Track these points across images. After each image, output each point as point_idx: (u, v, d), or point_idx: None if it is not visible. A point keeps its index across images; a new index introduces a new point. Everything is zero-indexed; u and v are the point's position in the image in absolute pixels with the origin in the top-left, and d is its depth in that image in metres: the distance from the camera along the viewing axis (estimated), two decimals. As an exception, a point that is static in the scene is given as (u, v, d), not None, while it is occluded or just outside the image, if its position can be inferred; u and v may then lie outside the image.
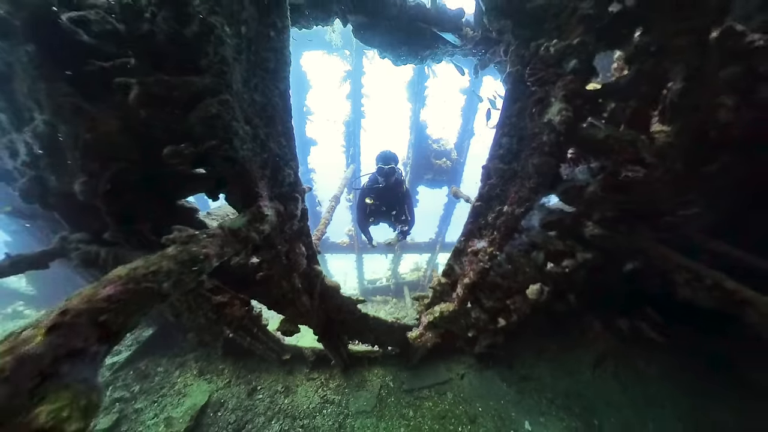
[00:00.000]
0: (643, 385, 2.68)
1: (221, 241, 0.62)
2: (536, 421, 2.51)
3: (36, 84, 0.74)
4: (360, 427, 2.49)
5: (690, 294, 1.26)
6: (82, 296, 0.37)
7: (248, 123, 0.77)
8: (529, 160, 0.95)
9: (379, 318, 2.13)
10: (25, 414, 0.28)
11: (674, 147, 1.02)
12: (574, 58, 0.81)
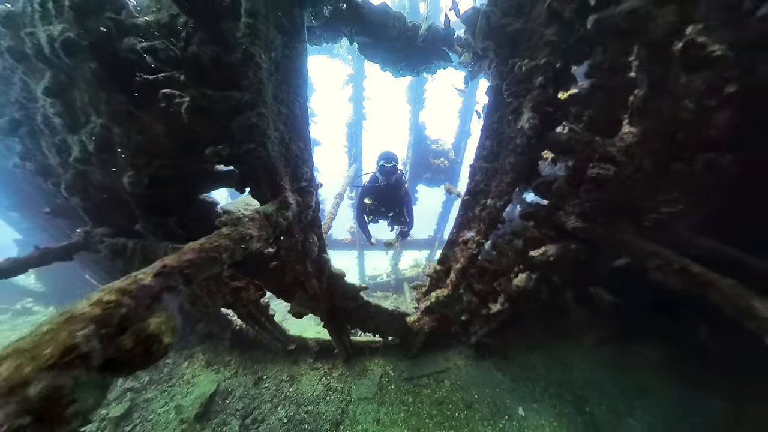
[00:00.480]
0: (635, 376, 2.84)
1: (259, 224, 0.78)
2: (530, 407, 2.66)
3: (97, 94, 0.89)
4: (362, 413, 2.64)
5: (662, 277, 1.41)
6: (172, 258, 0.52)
7: (276, 129, 0.95)
8: (506, 160, 1.13)
9: (380, 306, 2.29)
10: (139, 324, 0.44)
11: (641, 146, 1.18)
12: (540, 75, 0.97)
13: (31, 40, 0.93)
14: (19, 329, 4.33)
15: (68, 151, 1.12)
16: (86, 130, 0.95)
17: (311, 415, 2.68)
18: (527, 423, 2.52)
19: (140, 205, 1.38)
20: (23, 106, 1.25)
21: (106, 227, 1.78)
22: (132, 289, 0.41)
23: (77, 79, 0.91)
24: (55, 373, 0.31)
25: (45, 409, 0.30)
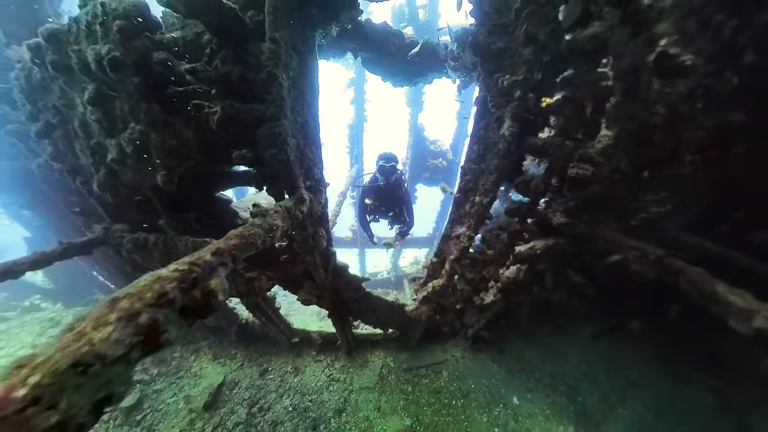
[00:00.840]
0: (627, 369, 2.99)
1: (282, 216, 0.94)
2: (524, 396, 2.82)
3: (137, 104, 1.04)
4: (363, 401, 2.79)
5: (639, 268, 1.56)
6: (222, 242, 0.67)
7: (293, 137, 1.11)
8: (491, 162, 1.28)
9: (380, 297, 2.44)
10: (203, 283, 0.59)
11: (615, 148, 1.33)
12: (519, 89, 1.13)
13: (77, 56, 1.07)
14: (28, 325, 4.47)
15: (103, 153, 1.27)
16: (125, 135, 1.10)
17: (315, 404, 2.82)
18: (521, 411, 2.67)
19: (163, 202, 1.53)
20: (59, 111, 1.39)
21: (124, 223, 1.93)
22: (199, 262, 0.56)
23: (118, 90, 1.06)
24: (154, 309, 0.46)
25: (149, 333, 0.45)
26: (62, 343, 0.37)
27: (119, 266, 3.52)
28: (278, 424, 2.70)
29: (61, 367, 0.33)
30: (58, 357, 0.34)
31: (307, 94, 1.16)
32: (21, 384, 0.31)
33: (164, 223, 1.53)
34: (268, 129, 1.00)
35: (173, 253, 1.61)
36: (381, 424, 2.58)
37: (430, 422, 2.56)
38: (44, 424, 0.29)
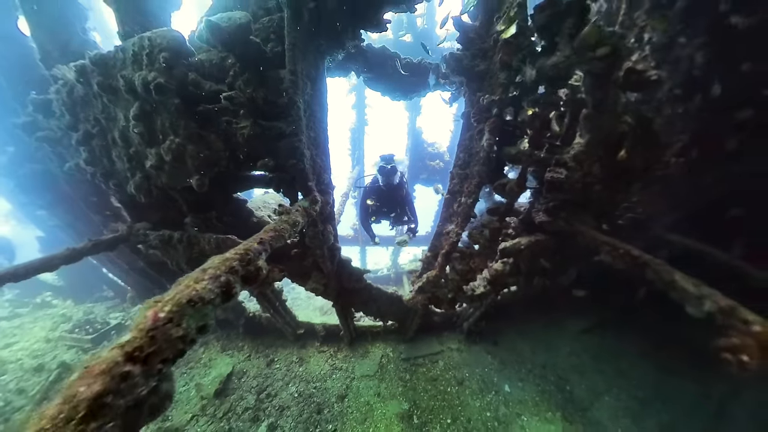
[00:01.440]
0: (615, 361, 3.23)
1: (301, 214, 1.17)
2: (515, 385, 3.06)
3: (177, 121, 1.27)
4: (364, 388, 3.04)
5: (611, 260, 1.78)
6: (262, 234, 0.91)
7: (308, 148, 1.33)
8: (474, 168, 1.51)
9: (380, 289, 2.68)
10: (254, 262, 0.82)
11: (586, 154, 1.55)
12: (495, 107, 1.35)
13: (124, 79, 1.30)
14: (41, 321, 4.73)
15: (140, 160, 1.50)
16: (164, 145, 1.33)
17: (319, 390, 3.07)
18: (512, 398, 2.91)
19: (189, 203, 1.76)
20: (99, 123, 1.62)
21: (145, 222, 2.16)
22: (251, 248, 0.79)
23: (160, 109, 1.29)
24: (227, 275, 0.69)
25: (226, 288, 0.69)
26: (179, 288, 0.60)
27: (132, 262, 3.77)
28: (285, 408, 2.95)
29: (182, 302, 0.56)
30: (178, 297, 0.57)
31: (318, 112, 1.40)
32: (161, 310, 0.55)
33: (189, 221, 1.76)
34: (288, 143, 1.24)
35: (196, 248, 1.84)
36: (381, 408, 2.83)
37: (427, 406, 2.81)
38: (175, 334, 0.53)
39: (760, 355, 1.04)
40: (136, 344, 0.45)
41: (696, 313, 1.29)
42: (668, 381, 2.92)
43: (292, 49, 1.13)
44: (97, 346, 4.11)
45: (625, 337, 3.33)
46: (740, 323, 1.10)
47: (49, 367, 3.80)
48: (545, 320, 3.71)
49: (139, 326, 0.48)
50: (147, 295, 4.53)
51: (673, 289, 1.42)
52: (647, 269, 1.55)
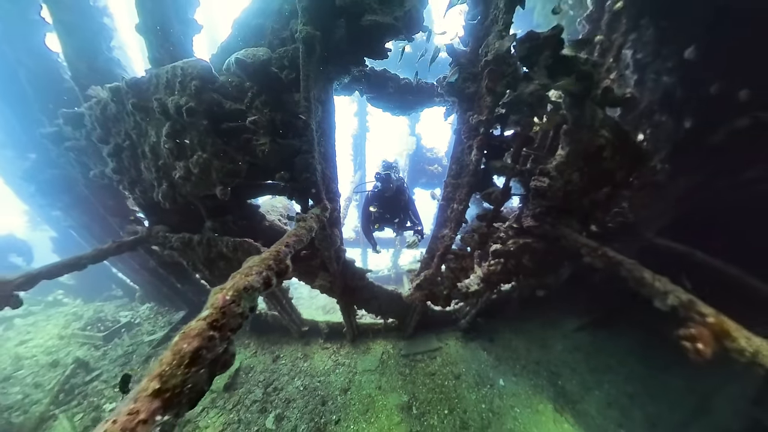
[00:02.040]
0: (606, 357, 3.44)
1: (315, 220, 1.38)
2: (509, 379, 3.27)
3: (205, 139, 1.48)
4: (366, 381, 3.26)
5: (590, 261, 1.99)
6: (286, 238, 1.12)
7: (319, 163, 1.55)
8: (464, 178, 1.73)
9: (381, 287, 2.90)
10: (284, 261, 1.04)
11: (566, 165, 1.76)
12: (482, 126, 1.56)
13: (158, 102, 1.52)
14: (53, 318, 4.98)
15: (167, 171, 1.73)
16: (192, 160, 1.55)
17: (323, 384, 3.29)
18: (506, 391, 3.12)
19: (208, 209, 1.98)
20: (130, 137, 1.84)
21: (163, 225, 2.39)
22: (281, 250, 1.00)
23: (189, 128, 1.50)
24: (266, 271, 0.91)
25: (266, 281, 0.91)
26: (236, 279, 0.81)
27: (144, 262, 4.01)
28: (291, 401, 3.17)
29: (240, 288, 0.77)
30: (236, 285, 0.78)
31: (327, 130, 1.63)
32: (227, 294, 0.76)
33: (209, 225, 1.98)
34: (302, 159, 1.47)
35: (214, 249, 2.06)
36: (381, 399, 3.05)
37: (425, 399, 3.02)
38: (237, 311, 0.74)
39: (713, 343, 1.23)
40: (213, 317, 0.66)
41: (662, 306, 1.48)
42: (656, 376, 3.12)
43: (306, 79, 1.35)
44: (108, 343, 4.35)
45: (617, 336, 3.54)
46: (697, 315, 1.29)
47: (64, 362, 4.04)
48: (540, 319, 3.93)
49: (214, 305, 0.69)
50: (155, 294, 4.80)
51: (642, 285, 1.62)
52: (621, 267, 1.76)
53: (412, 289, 2.26)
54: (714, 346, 1.21)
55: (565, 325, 3.84)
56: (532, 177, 1.78)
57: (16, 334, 4.64)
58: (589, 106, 1.66)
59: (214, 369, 0.64)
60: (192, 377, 0.57)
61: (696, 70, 1.92)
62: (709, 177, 2.55)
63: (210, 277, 2.49)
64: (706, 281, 1.81)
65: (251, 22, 1.58)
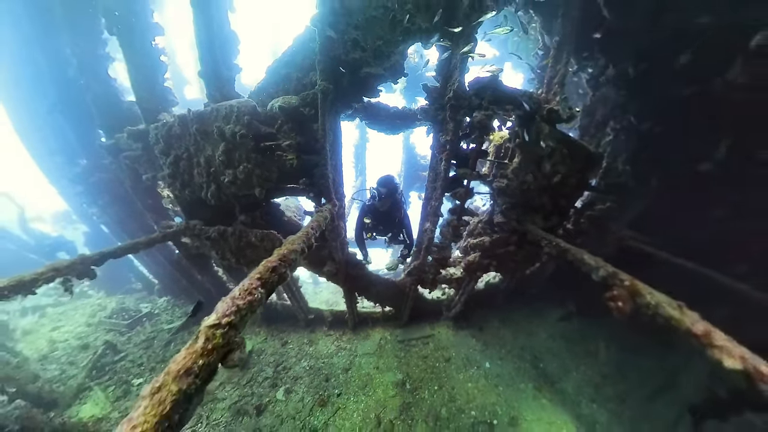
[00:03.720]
0: (586, 344, 4.00)
1: (328, 212, 2.09)
2: (495, 362, 3.85)
3: (249, 155, 2.24)
4: (365, 363, 3.89)
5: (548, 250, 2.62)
6: (311, 224, 1.83)
7: (331, 172, 2.29)
8: (438, 183, 2.44)
9: (379, 275, 3.58)
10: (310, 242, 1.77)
11: (520, 169, 2.45)
12: (448, 145, 2.27)
13: (217, 129, 2.28)
14: (80, 309, 5.80)
15: (216, 177, 2.48)
16: (239, 169, 2.30)
17: (327, 365, 3.94)
18: (491, 372, 3.71)
19: (242, 205, 2.73)
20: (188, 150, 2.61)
21: (198, 220, 3.15)
22: (309, 232, 1.70)
23: (239, 147, 2.26)
24: (301, 245, 1.62)
25: (302, 252, 1.62)
26: (280, 250, 1.51)
27: (169, 256, 4.79)
28: (298, 378, 3.83)
29: (283, 254, 1.47)
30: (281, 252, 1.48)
31: (336, 148, 2.39)
32: (275, 258, 1.47)
33: (242, 219, 2.72)
34: (319, 170, 2.21)
35: (244, 239, 2.79)
36: (379, 377, 3.67)
37: (418, 377, 3.64)
38: (281, 270, 1.45)
39: (630, 301, 1.76)
40: (280, 257, 1.35)
41: (596, 277, 2.07)
42: (629, 358, 3.66)
43: (322, 116, 2.09)
44: (131, 330, 5.12)
45: (597, 325, 4.07)
46: (618, 281, 1.88)
47: (94, 345, 4.82)
48: (527, 310, 4.51)
49: (279, 253, 1.38)
50: (173, 288, 5.60)
51: (582, 264, 2.25)
52: (568, 254, 2.40)
53: (404, 275, 2.93)
54: (630, 302, 1.72)
55: (549, 315, 4.41)
56: (495, 179, 2.47)
57: (50, 321, 5.47)
58: (536, 123, 2.35)
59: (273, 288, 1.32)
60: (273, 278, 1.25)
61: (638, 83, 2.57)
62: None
63: (236, 264, 3.24)
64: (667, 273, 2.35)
65: (281, 71, 2.35)
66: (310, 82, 2.21)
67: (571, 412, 3.23)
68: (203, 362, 0.81)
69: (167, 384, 0.74)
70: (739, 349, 1.16)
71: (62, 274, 2.33)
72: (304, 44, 2.24)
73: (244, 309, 0.99)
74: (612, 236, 3.66)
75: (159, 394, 0.72)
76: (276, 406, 3.51)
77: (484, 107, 2.10)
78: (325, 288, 6.84)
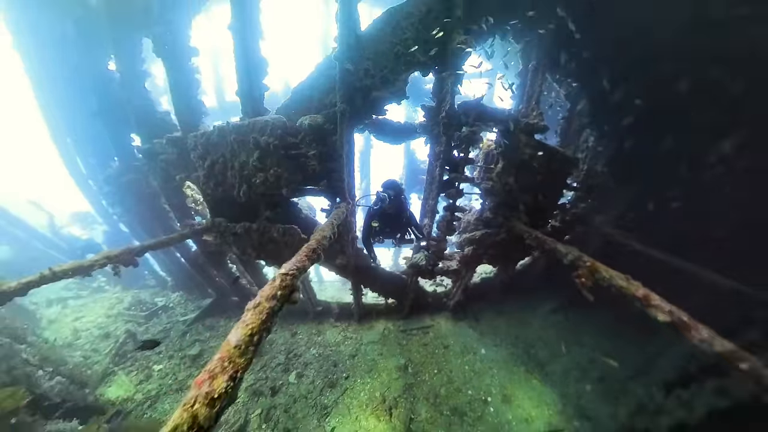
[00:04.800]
0: (574, 333, 4.52)
1: (344, 209, 2.71)
2: (490, 349, 4.39)
3: (280, 161, 2.87)
4: (370, 349, 4.44)
5: (529, 243, 3.20)
6: (331, 219, 2.45)
7: (345, 176, 2.94)
8: (434, 185, 3.06)
9: (383, 269, 4.17)
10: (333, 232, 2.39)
11: (503, 172, 3.07)
12: (441, 155, 2.91)
13: (253, 140, 2.91)
14: (99, 302, 6.40)
15: (249, 179, 3.10)
16: (270, 172, 2.92)
17: (334, 352, 4.49)
18: (486, 357, 4.24)
19: (267, 203, 3.35)
20: (224, 156, 3.25)
21: (224, 218, 3.76)
22: (333, 222, 2.30)
23: (271, 154, 2.89)
24: (329, 232, 2.23)
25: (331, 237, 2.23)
26: (315, 235, 2.11)
27: (185, 253, 5.40)
28: (308, 364, 4.38)
29: (323, 234, 2.07)
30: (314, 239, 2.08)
31: (350, 157, 3.04)
32: (317, 236, 2.08)
33: (267, 215, 3.33)
34: (336, 175, 2.84)
35: (267, 234, 3.41)
36: (383, 362, 4.22)
37: (419, 362, 4.18)
38: (325, 242, 2.06)
39: (589, 277, 2.35)
40: (317, 239, 1.94)
41: (566, 261, 2.66)
42: (615, 345, 4.17)
43: (341, 131, 2.73)
44: (149, 321, 5.70)
45: (588, 316, 4.59)
46: (582, 262, 2.46)
47: (114, 334, 5.39)
48: (522, 303, 5.06)
49: (315, 237, 1.98)
50: (186, 283, 6.20)
51: (556, 252, 2.84)
52: (545, 243, 2.98)
53: (406, 267, 3.53)
54: (591, 278, 2.31)
55: (542, 307, 4.95)
56: (483, 181, 3.09)
57: (72, 312, 6.06)
58: (515, 135, 2.97)
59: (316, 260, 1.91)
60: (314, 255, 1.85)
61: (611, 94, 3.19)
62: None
63: (255, 258, 3.85)
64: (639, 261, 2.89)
65: (305, 92, 3.00)
66: (330, 103, 2.86)
67: (558, 392, 3.75)
68: (281, 293, 1.41)
69: (262, 302, 1.33)
70: (669, 306, 1.69)
71: (113, 261, 2.96)
72: (324, 71, 2.90)
73: (299, 268, 1.58)
74: (597, 232, 4.24)
75: (258, 308, 1.31)
76: (289, 388, 4.05)
77: (470, 124, 2.73)
78: (329, 286, 7.40)
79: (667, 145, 3.23)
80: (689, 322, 1.62)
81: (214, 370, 0.93)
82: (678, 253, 3.49)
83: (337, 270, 3.88)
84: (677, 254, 3.49)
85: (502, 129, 2.93)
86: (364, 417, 3.54)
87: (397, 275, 4.19)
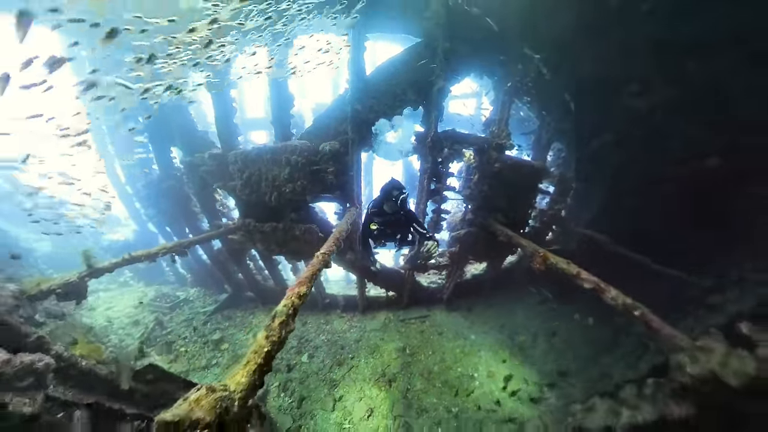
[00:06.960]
0: (556, 322, 5.56)
1: (354, 212, 3.96)
2: (479, 335, 5.49)
3: (306, 175, 4.16)
4: (373, 335, 5.59)
5: (503, 239, 4.37)
6: (346, 218, 3.70)
7: (355, 186, 4.22)
8: (423, 192, 4.31)
9: (385, 265, 5.37)
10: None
11: (480, 181, 4.30)
12: (428, 168, 4.17)
13: (286, 158, 4.21)
14: (127, 295, 7.73)
15: (280, 188, 4.40)
16: (297, 183, 4.21)
17: (341, 338, 5.66)
18: (475, 342, 5.34)
19: (292, 207, 4.62)
20: (259, 170, 4.56)
21: (251, 218, 5.05)
22: (349, 220, 3.54)
23: (300, 169, 4.19)
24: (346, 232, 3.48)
25: (347, 235, 3.50)
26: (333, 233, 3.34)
27: (208, 251, 6.71)
28: (318, 347, 5.55)
29: (341, 230, 3.30)
30: (339, 230, 3.32)
31: (359, 171, 4.30)
32: (336, 233, 3.34)
33: (292, 216, 4.60)
34: (348, 185, 4.10)
35: (290, 233, 4.67)
36: (384, 345, 5.35)
37: (415, 345, 5.30)
38: (343, 236, 3.31)
39: (542, 263, 3.50)
40: (335, 237, 3.15)
41: (527, 253, 3.82)
42: (592, 331, 5.21)
43: (352, 153, 4.02)
44: (172, 312, 6.99)
45: (567, 308, 5.64)
46: (536, 252, 3.62)
47: (143, 322, 6.68)
48: (511, 296, 6.15)
49: (334, 235, 3.20)
50: (205, 279, 7.51)
51: (521, 246, 4.00)
52: (513, 239, 4.14)
53: (404, 263, 4.75)
54: (543, 263, 3.47)
55: (528, 300, 6.03)
56: (463, 189, 4.31)
57: (103, 303, 7.40)
58: (487, 152, 4.20)
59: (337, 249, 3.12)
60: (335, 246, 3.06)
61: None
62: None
63: (278, 254, 5.11)
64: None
65: (323, 121, 4.32)
66: (343, 130, 4.17)
67: (536, 370, 4.83)
68: (319, 267, 2.65)
69: (314, 263, 2.57)
70: (593, 278, 2.80)
71: (170, 251, 4.25)
72: (339, 106, 4.23)
73: (330, 251, 2.81)
74: (572, 232, 5.37)
75: (312, 265, 2.55)
76: (302, 366, 5.22)
77: (450, 146, 3.98)
78: (334, 284, 8.60)
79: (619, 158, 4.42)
80: (604, 286, 2.69)
81: (297, 286, 2.14)
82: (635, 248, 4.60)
83: (345, 265, 5.10)
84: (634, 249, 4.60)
85: (477, 148, 4.18)
86: (367, 387, 4.67)
87: (396, 270, 5.40)
